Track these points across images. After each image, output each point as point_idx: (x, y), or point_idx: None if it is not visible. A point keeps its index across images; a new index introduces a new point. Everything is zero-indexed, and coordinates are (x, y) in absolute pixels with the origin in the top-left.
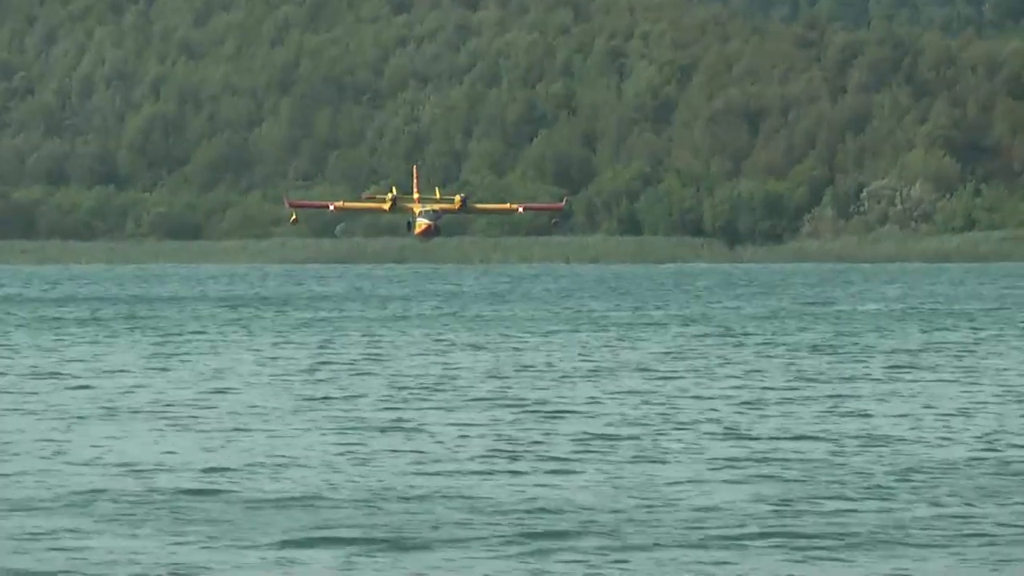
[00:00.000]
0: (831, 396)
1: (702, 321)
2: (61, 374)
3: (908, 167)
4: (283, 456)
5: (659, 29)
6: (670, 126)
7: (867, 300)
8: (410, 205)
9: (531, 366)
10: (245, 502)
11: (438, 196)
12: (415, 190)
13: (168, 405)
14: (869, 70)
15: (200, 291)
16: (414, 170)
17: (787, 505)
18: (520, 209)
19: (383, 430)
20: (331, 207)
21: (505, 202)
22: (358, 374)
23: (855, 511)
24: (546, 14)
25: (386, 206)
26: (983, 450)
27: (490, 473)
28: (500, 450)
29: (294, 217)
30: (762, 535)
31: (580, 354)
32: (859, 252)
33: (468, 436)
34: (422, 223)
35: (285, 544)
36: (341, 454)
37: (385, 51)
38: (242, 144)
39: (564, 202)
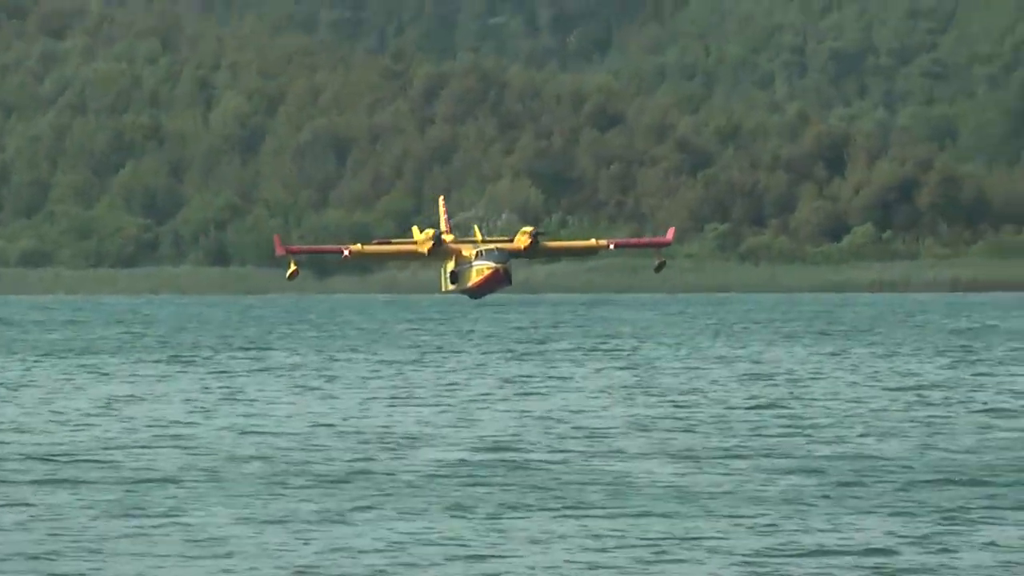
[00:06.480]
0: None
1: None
2: None
3: (494, 198)
4: None
5: (246, 59)
6: (258, 156)
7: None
8: (459, 246)
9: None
10: None
11: (478, 238)
12: (444, 225)
13: None
14: (455, 101)
15: None
16: (440, 201)
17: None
18: (611, 246)
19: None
20: (345, 252)
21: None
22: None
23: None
24: (133, 43)
25: (424, 248)
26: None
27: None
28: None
29: (293, 268)
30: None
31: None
32: None
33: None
34: (484, 269)
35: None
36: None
37: None
38: None
39: (671, 234)
